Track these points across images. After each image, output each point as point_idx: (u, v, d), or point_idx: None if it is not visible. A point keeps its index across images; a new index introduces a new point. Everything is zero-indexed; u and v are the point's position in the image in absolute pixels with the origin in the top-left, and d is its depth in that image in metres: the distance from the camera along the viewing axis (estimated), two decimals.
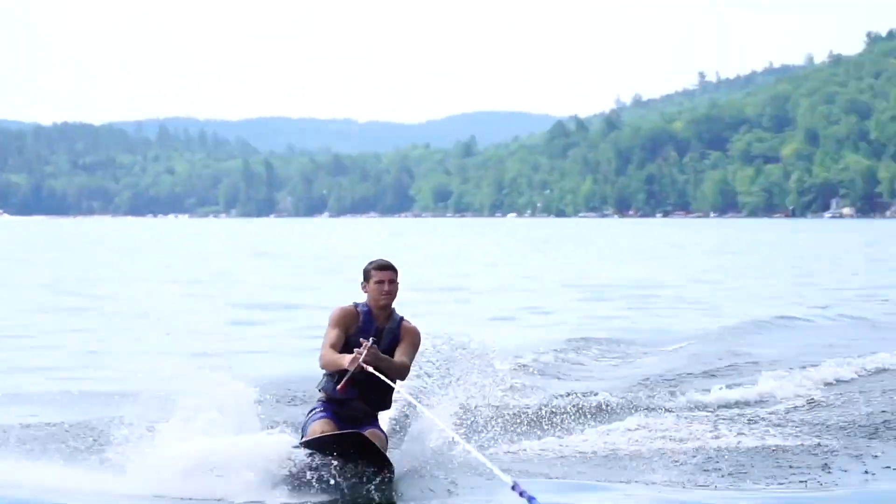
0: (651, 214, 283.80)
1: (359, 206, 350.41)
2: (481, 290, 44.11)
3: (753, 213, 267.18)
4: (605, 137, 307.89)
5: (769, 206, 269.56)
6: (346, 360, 11.68)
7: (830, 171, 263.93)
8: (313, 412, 12.20)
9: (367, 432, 11.60)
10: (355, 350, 11.72)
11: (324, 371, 12.16)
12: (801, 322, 30.71)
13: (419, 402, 12.56)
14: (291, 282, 49.18)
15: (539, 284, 48.04)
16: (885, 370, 20.25)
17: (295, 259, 70.44)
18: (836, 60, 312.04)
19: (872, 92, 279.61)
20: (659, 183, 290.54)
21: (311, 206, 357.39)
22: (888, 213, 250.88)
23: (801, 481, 12.26)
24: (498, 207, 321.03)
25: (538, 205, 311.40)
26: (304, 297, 38.97)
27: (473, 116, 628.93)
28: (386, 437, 12.23)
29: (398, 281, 12.09)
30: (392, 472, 11.56)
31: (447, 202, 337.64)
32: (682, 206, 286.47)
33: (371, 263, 12.15)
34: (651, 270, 58.88)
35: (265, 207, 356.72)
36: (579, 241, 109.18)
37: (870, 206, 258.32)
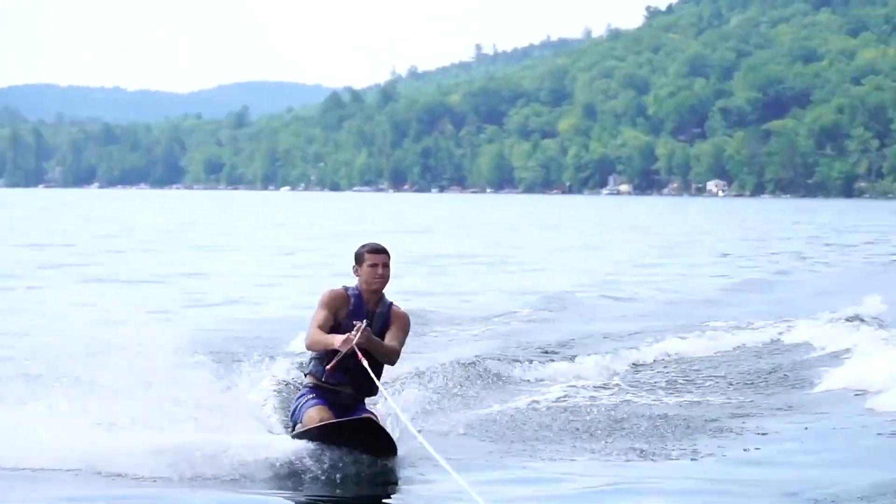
0: (427, 189, 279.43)
1: (129, 177, 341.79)
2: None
3: (530, 189, 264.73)
4: (381, 110, 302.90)
5: (546, 182, 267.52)
6: (336, 339, 11.64)
7: (608, 147, 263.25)
8: (303, 399, 12.02)
9: (364, 416, 11.49)
10: (349, 334, 11.59)
11: (312, 354, 12.10)
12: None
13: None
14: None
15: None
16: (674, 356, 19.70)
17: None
18: (615, 34, 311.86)
19: (651, 67, 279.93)
20: (435, 157, 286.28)
21: (81, 177, 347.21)
22: (665, 190, 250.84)
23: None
24: (271, 180, 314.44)
25: (312, 178, 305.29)
26: None
27: (245, 86, 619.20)
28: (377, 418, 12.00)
29: (390, 265, 11.99)
30: (395, 454, 11.55)
31: (219, 174, 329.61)
32: (459, 180, 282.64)
33: (364, 247, 12.01)
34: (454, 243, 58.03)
35: (34, 177, 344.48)
36: (352, 216, 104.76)
37: (647, 182, 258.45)
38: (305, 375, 12.15)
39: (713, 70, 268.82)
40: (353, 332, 11.50)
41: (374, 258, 11.87)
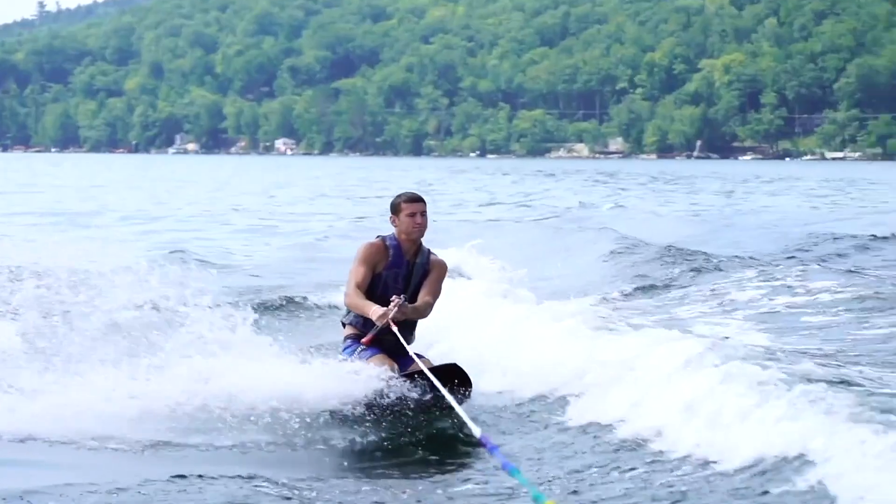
0: None
1: None
2: None
3: (96, 148, 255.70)
4: None
5: (112, 141, 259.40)
6: (372, 310, 11.25)
7: (175, 106, 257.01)
8: (351, 350, 11.56)
9: (420, 362, 11.14)
10: (387, 308, 11.28)
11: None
12: None
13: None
14: None
15: None
16: None
17: None
18: None
19: (219, 25, 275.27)
20: None
21: None
22: (233, 149, 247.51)
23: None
24: None
25: None
26: None
27: None
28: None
29: (427, 213, 11.71)
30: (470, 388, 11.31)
31: None
32: (23, 140, 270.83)
33: (400, 196, 11.66)
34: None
35: None
36: None
37: (214, 141, 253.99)
38: (344, 325, 11.85)
39: (282, 28, 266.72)
40: (391, 307, 11.24)
41: (411, 207, 11.56)
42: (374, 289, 11.50)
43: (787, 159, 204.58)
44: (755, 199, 62.68)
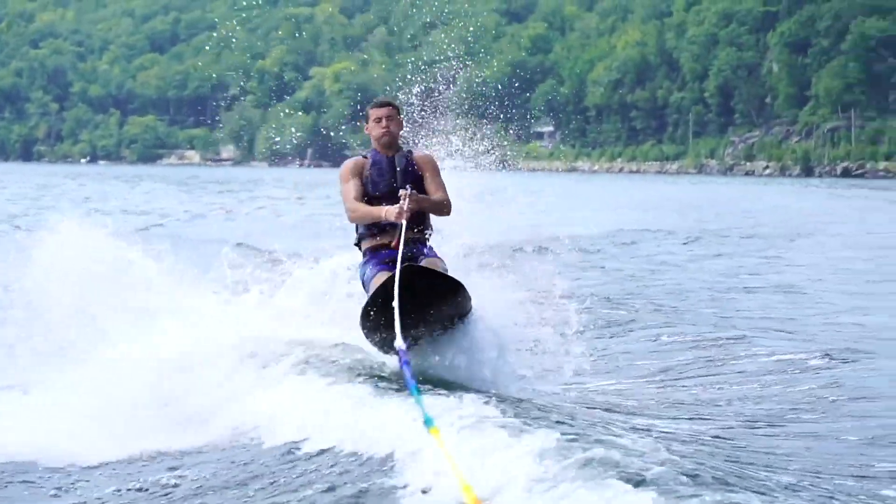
0: None
1: None
2: None
3: None
4: None
5: None
6: (384, 211, 11.34)
7: None
8: (366, 266, 11.61)
9: (426, 259, 11.28)
10: (398, 206, 11.28)
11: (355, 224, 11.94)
12: None
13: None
14: None
15: None
16: None
17: None
18: None
19: None
20: None
21: None
22: None
23: None
24: None
25: None
26: None
27: None
28: (444, 263, 11.53)
29: (400, 117, 11.83)
30: (468, 302, 11.08)
31: None
32: None
33: (370, 104, 11.94)
34: None
35: None
36: None
37: None
38: (359, 245, 11.86)
39: None
40: (402, 201, 11.19)
41: (377, 112, 11.69)
42: (366, 197, 11.63)
43: None
44: None
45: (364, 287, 11.61)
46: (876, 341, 15.89)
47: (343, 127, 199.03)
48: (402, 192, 11.29)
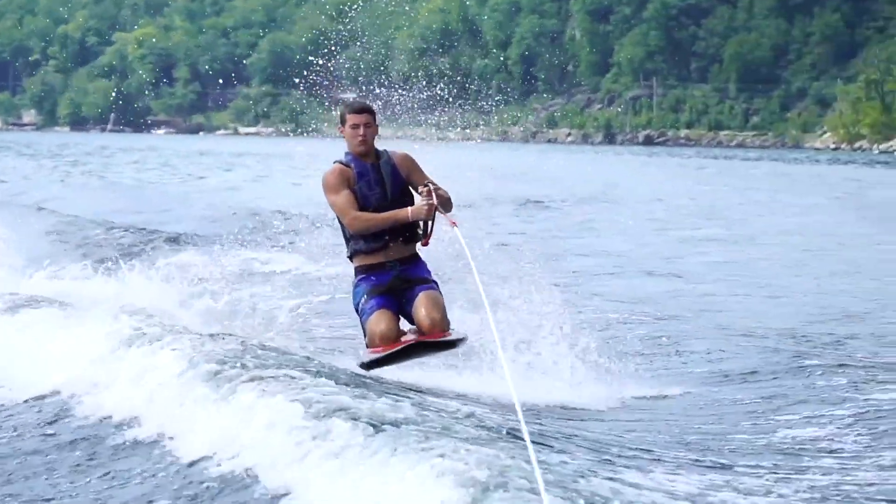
0: None
1: None
2: None
3: None
4: None
5: None
6: (409, 212, 11.07)
7: None
8: (359, 291, 11.28)
9: (423, 294, 11.07)
10: (425, 202, 11.01)
11: (350, 237, 11.31)
12: None
13: None
14: None
15: None
16: None
17: None
18: None
19: None
20: None
21: None
22: None
23: None
24: None
25: None
26: None
27: None
28: (440, 292, 11.24)
29: (375, 123, 11.26)
30: (463, 341, 11.11)
31: None
32: None
33: (346, 106, 11.29)
34: None
35: None
36: None
37: None
38: (352, 259, 11.39)
39: None
40: (425, 197, 10.99)
41: (353, 118, 11.16)
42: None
43: (201, 133, 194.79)
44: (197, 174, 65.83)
45: (356, 310, 11.33)
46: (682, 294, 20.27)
47: (146, 92, 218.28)
48: (421, 188, 11.04)
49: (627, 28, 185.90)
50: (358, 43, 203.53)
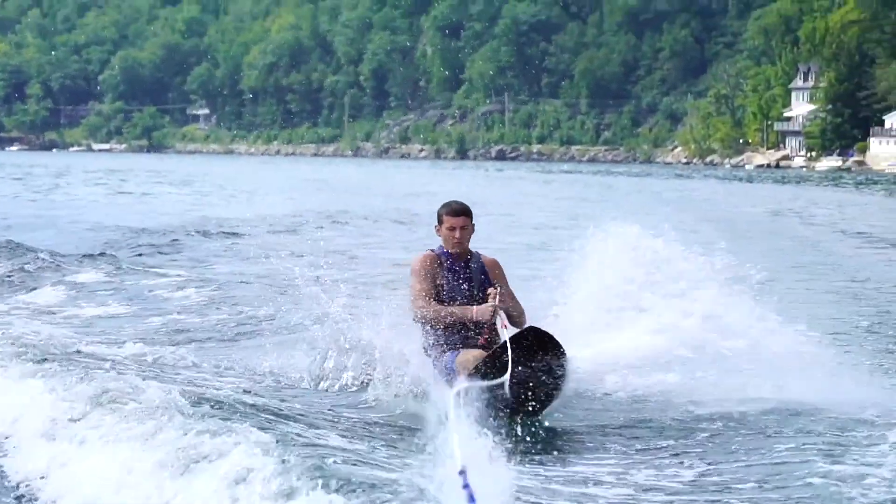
0: None
1: None
2: None
3: None
4: None
5: None
6: (473, 311, 11.00)
7: None
8: (443, 357, 11.00)
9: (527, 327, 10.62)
10: (489, 304, 10.88)
11: (427, 329, 11.11)
12: None
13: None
14: None
15: None
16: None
17: None
18: None
19: None
20: None
21: None
22: None
23: None
24: None
25: None
26: None
27: None
28: None
29: (472, 225, 11.31)
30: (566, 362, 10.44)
31: None
32: None
33: (443, 207, 11.35)
34: None
35: None
36: None
37: None
38: (427, 351, 11.14)
39: None
40: (493, 299, 10.92)
41: (451, 221, 11.24)
42: (439, 300, 11.13)
43: (55, 150, 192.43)
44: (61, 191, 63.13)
45: (444, 368, 10.95)
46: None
47: None
48: (491, 290, 11.06)
49: (479, 44, 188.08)
50: (209, 58, 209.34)
